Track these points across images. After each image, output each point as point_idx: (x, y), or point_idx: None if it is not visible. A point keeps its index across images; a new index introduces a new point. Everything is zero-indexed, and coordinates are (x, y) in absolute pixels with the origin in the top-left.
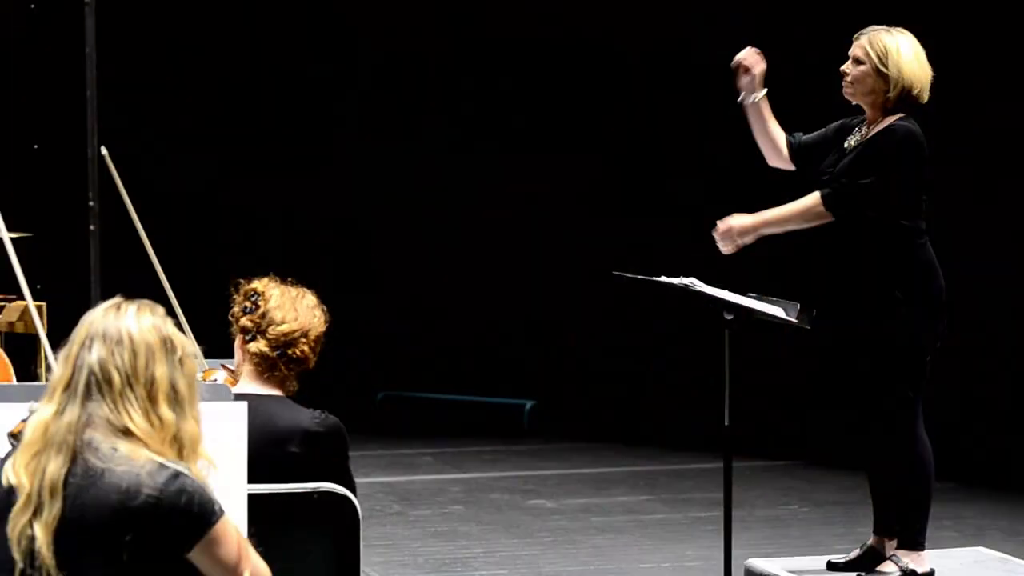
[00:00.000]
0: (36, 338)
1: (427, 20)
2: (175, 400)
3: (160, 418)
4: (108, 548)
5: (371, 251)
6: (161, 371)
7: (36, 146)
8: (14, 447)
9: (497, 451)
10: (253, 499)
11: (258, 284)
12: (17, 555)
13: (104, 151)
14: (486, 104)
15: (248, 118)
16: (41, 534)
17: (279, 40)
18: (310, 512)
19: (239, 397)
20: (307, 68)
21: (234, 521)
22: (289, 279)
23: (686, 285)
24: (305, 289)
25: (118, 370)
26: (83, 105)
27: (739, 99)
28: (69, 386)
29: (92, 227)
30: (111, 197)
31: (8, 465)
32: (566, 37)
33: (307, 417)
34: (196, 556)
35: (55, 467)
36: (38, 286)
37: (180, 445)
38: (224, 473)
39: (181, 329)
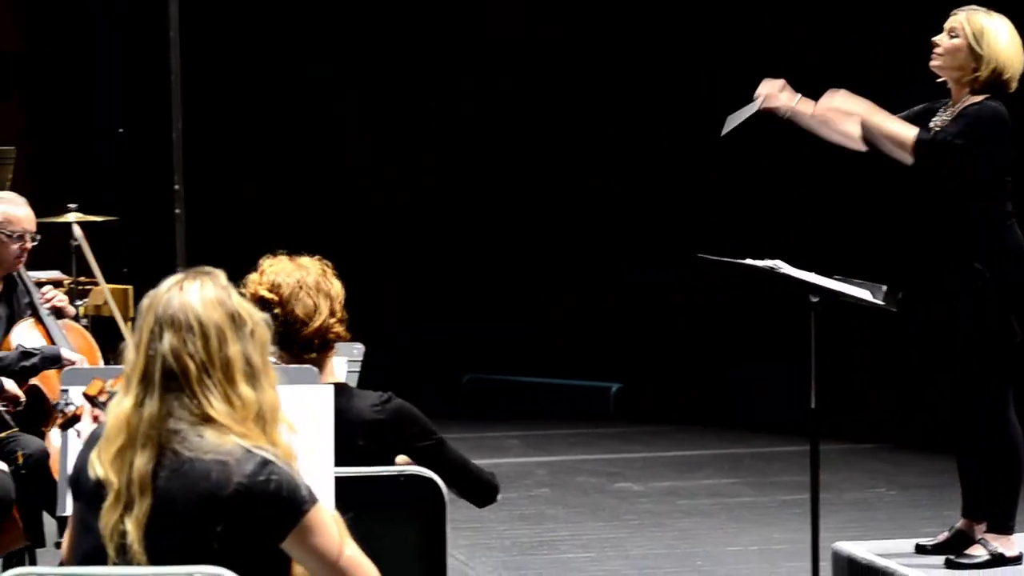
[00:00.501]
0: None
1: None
2: (251, 375)
3: (240, 397)
4: (199, 539)
5: (460, 235)
6: (234, 349)
7: (121, 130)
8: (95, 403)
9: (583, 434)
10: (339, 483)
11: (262, 289)
12: (111, 550)
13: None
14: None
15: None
16: (132, 529)
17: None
18: (396, 494)
19: None
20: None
21: (330, 511)
22: (278, 252)
23: (771, 267)
24: (302, 261)
25: (192, 358)
26: (167, 89)
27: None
28: (145, 376)
29: (177, 210)
30: (196, 180)
31: (94, 457)
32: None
33: (368, 407)
34: (291, 546)
35: (142, 463)
36: (124, 269)
37: (263, 420)
38: (311, 457)
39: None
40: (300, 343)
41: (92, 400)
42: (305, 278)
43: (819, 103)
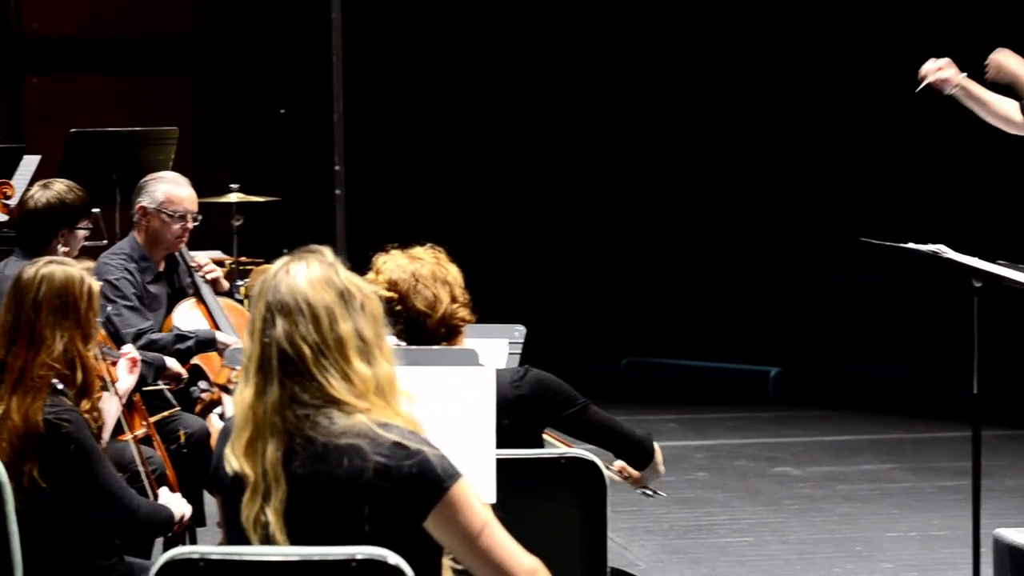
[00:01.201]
0: None
1: None
2: (365, 350)
3: (358, 374)
4: (341, 524)
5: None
6: (345, 327)
7: (283, 111)
8: (227, 391)
9: (741, 418)
10: (499, 465)
11: (377, 287)
12: (255, 541)
13: None
14: None
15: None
16: (273, 519)
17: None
18: (556, 476)
19: None
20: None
21: (475, 490)
22: (389, 245)
23: (934, 252)
24: (415, 252)
25: (306, 341)
26: (328, 70)
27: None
28: (262, 364)
29: (337, 191)
30: (355, 161)
31: (228, 452)
32: None
33: (507, 384)
34: (433, 525)
35: (272, 451)
36: (284, 250)
37: (382, 392)
38: (471, 439)
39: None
40: (428, 334)
41: (224, 388)
42: (420, 270)
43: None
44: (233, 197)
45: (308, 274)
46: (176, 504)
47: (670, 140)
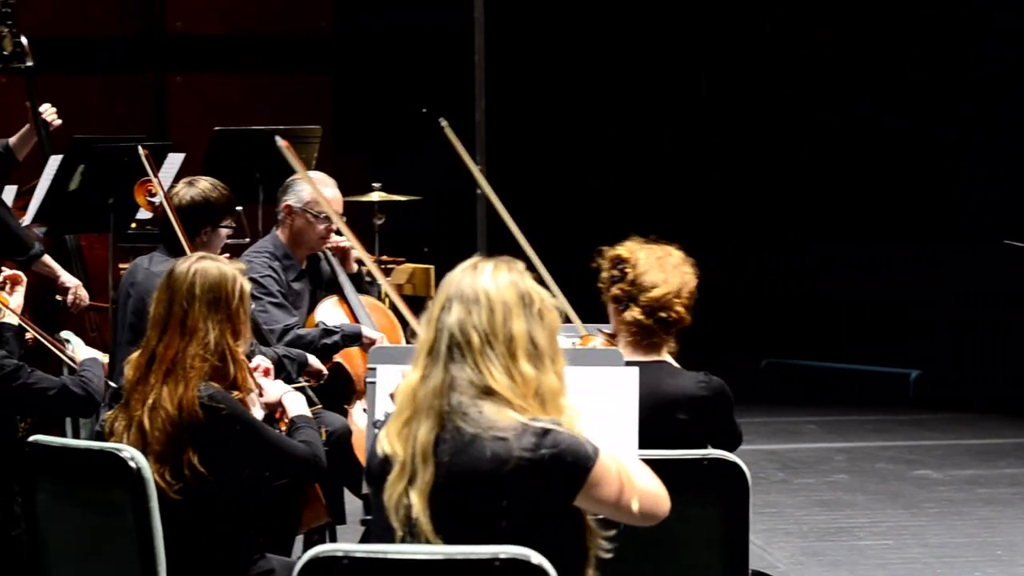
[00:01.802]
0: (423, 300)
1: None
2: (535, 354)
3: (521, 374)
4: (484, 514)
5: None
6: (519, 327)
7: (425, 110)
8: None
9: (881, 420)
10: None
11: (622, 250)
12: (396, 523)
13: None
14: None
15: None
16: (417, 501)
17: None
18: (700, 477)
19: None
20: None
21: (610, 455)
22: (652, 236)
23: None
24: (669, 246)
25: (476, 329)
26: (470, 69)
27: None
28: (432, 350)
29: (479, 190)
30: (500, 160)
31: (383, 434)
32: None
33: (692, 382)
34: (581, 502)
35: (425, 432)
36: (425, 249)
37: (542, 400)
38: (616, 438)
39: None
40: (641, 306)
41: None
42: (666, 256)
43: None
44: (375, 196)
45: (494, 274)
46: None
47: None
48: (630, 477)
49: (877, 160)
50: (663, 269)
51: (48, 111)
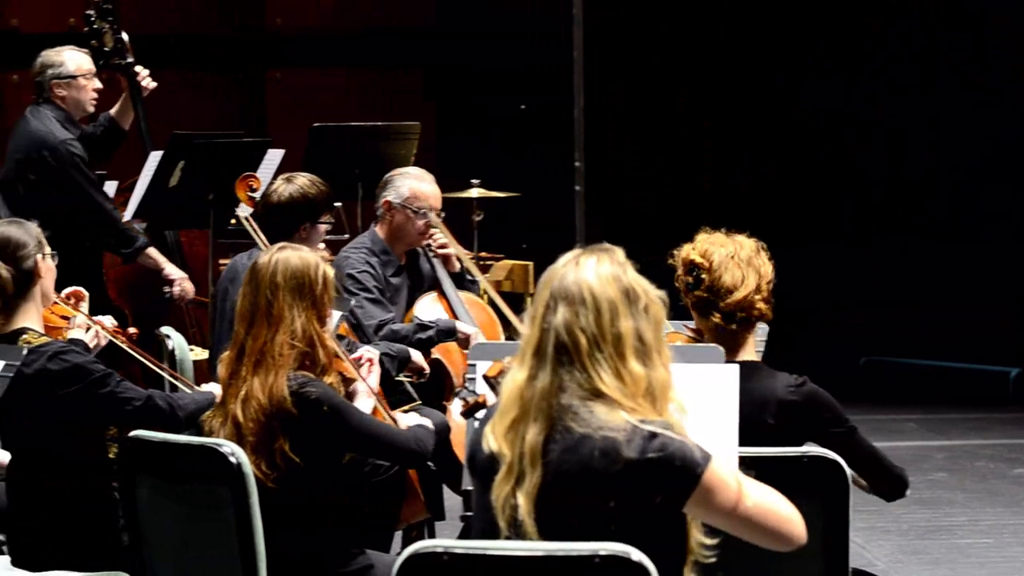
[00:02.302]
0: (522, 297)
1: None
2: (643, 351)
3: (630, 373)
4: (591, 516)
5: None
6: (626, 325)
7: (523, 106)
8: (493, 386)
9: (981, 419)
10: (742, 462)
11: (694, 254)
12: (502, 522)
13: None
14: None
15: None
16: (524, 503)
17: None
18: (800, 475)
19: None
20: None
21: (726, 466)
22: (722, 229)
23: None
24: (739, 238)
25: (584, 332)
26: (569, 66)
27: None
28: (539, 350)
29: (577, 187)
30: (596, 157)
31: (488, 430)
32: None
33: (782, 385)
34: (691, 510)
35: (533, 435)
36: (524, 245)
37: (652, 396)
38: (714, 436)
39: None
40: (722, 312)
41: (491, 383)
42: (738, 251)
43: None
44: (474, 192)
45: (597, 268)
46: (420, 419)
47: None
48: (745, 487)
49: (975, 157)
50: (739, 267)
51: (143, 75)
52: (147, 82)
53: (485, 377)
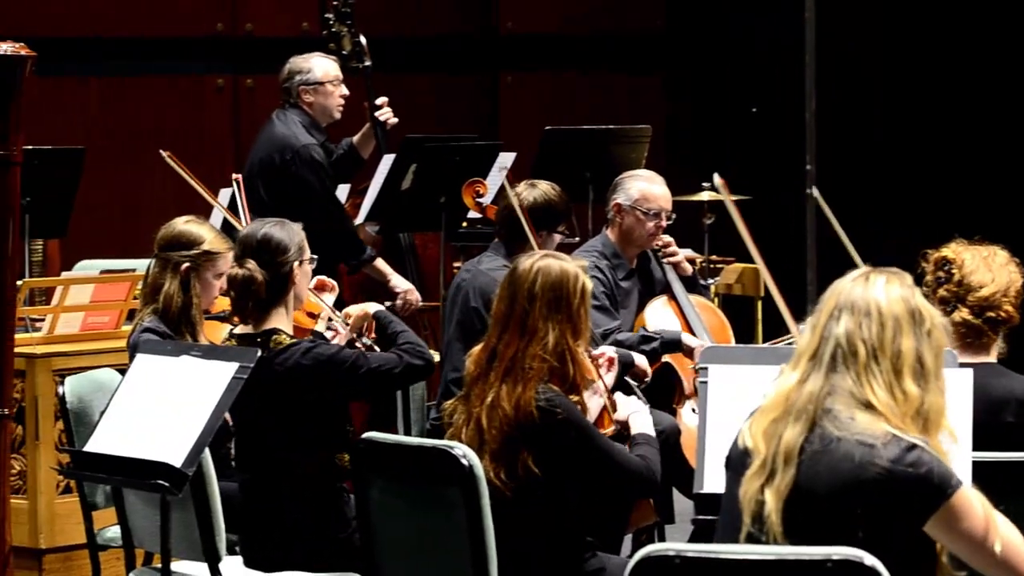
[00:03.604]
0: (752, 300)
1: None
2: (920, 373)
3: (904, 392)
4: (838, 520)
5: None
6: (908, 344)
7: (755, 109)
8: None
9: None
10: (975, 466)
11: (947, 251)
12: (747, 517)
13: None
14: None
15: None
16: (771, 500)
17: None
18: None
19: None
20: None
21: (977, 493)
22: (976, 237)
23: None
24: (994, 246)
25: (864, 343)
26: (801, 67)
27: None
28: (815, 356)
29: (809, 191)
30: (828, 161)
31: (746, 427)
32: None
33: (1020, 384)
34: (933, 529)
35: (792, 434)
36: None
37: (924, 419)
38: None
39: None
40: (969, 307)
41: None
42: (991, 256)
43: None
44: (705, 196)
45: (887, 288)
46: (640, 404)
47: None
48: (995, 521)
49: None
50: (989, 268)
51: (384, 108)
52: (387, 116)
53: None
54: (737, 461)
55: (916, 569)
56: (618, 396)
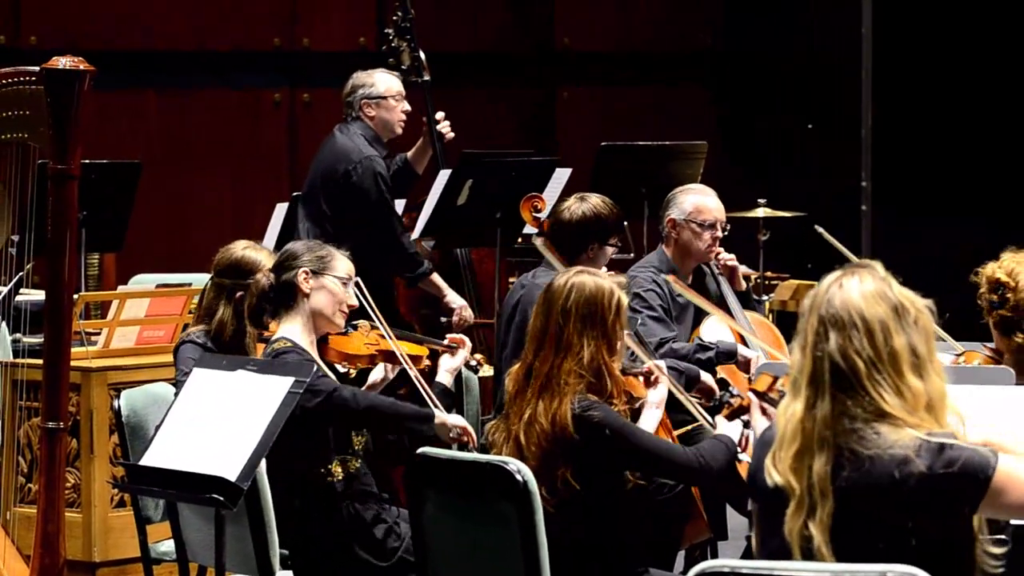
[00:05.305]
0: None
1: None
2: (917, 364)
3: (910, 388)
4: (889, 537)
5: None
6: (899, 341)
7: (810, 125)
8: (763, 398)
9: None
10: None
11: (999, 272)
12: (796, 555)
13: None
14: None
15: None
16: (818, 534)
17: None
18: None
19: None
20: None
21: (1010, 459)
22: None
23: None
24: None
25: (860, 355)
26: (858, 84)
27: None
28: (814, 378)
29: (864, 207)
30: (886, 177)
31: (769, 463)
32: None
33: None
34: (985, 510)
35: (820, 465)
36: (809, 265)
37: (931, 407)
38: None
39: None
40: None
41: (760, 395)
42: None
43: None
44: (760, 212)
45: (862, 288)
46: (732, 428)
47: None
48: None
49: None
50: None
51: (442, 123)
52: (445, 130)
53: (752, 390)
54: (767, 497)
55: (964, 564)
56: (719, 420)
